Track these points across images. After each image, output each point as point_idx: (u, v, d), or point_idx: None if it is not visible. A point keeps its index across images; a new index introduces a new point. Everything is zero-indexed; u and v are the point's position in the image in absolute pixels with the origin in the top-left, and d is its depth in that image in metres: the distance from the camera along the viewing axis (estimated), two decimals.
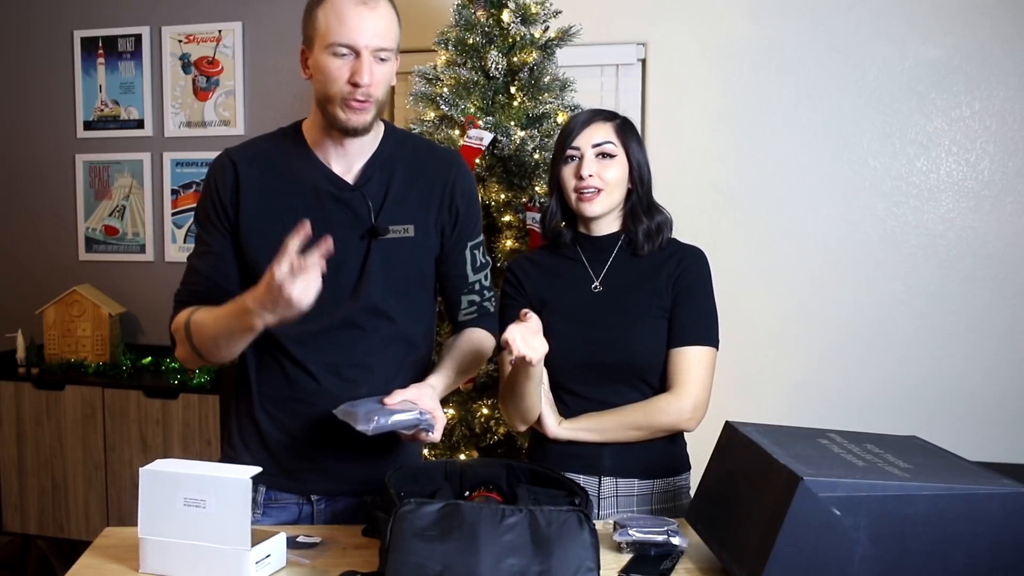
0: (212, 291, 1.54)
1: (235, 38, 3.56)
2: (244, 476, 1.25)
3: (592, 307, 1.68)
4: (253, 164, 1.56)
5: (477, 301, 1.67)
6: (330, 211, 1.53)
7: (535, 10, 2.51)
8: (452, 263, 1.64)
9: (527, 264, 1.77)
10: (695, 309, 1.66)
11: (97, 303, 3.46)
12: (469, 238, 1.64)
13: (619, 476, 1.66)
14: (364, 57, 1.43)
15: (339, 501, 1.59)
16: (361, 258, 1.53)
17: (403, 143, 1.61)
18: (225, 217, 1.54)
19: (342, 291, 1.53)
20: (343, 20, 1.42)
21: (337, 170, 1.55)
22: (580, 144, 1.68)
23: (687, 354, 1.64)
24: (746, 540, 1.19)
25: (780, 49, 3.03)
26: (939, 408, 2.96)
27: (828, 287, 3.04)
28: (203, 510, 1.25)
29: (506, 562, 1.15)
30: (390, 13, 1.47)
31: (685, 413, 1.63)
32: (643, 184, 1.71)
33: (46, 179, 3.78)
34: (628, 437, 1.64)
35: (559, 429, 1.66)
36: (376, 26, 1.43)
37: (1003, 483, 1.13)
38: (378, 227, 1.53)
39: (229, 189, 1.54)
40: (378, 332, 1.55)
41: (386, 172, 1.56)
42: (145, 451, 3.22)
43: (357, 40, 1.42)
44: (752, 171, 3.07)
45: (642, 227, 1.70)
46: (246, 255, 1.54)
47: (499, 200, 2.42)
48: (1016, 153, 2.93)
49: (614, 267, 1.71)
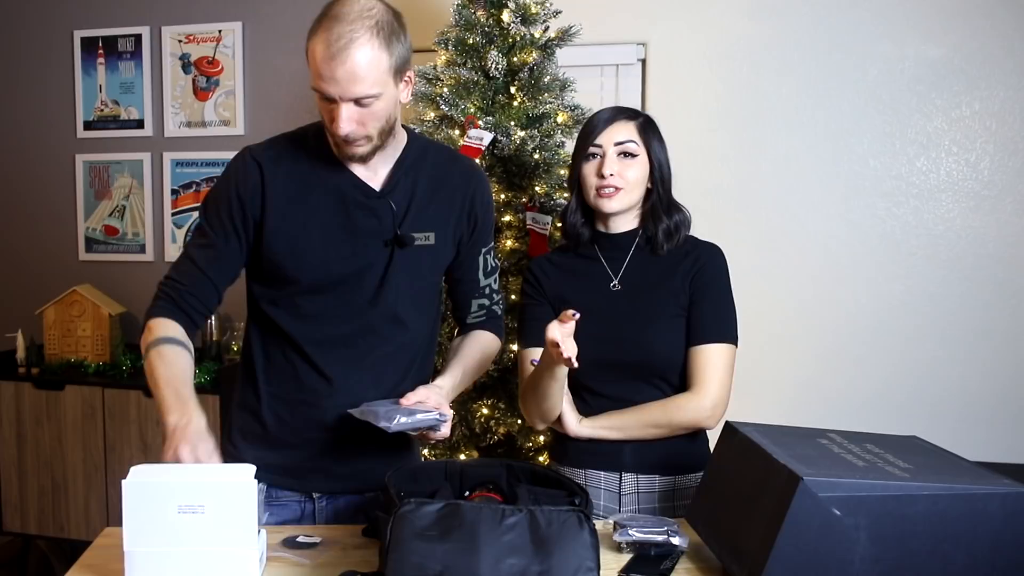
0: (200, 285, 1.51)
1: (235, 38, 3.56)
2: (247, 478, 1.22)
3: (611, 306, 1.69)
4: (279, 165, 1.53)
5: (487, 305, 1.69)
6: (356, 217, 1.52)
7: (535, 10, 2.51)
8: (466, 268, 1.65)
9: (547, 264, 1.78)
10: (713, 307, 1.66)
11: (97, 303, 3.46)
12: (483, 244, 1.66)
13: (640, 472, 1.67)
14: (340, 107, 1.39)
15: (340, 499, 1.60)
16: (384, 265, 1.53)
17: (425, 151, 1.60)
18: (241, 217, 1.51)
19: (363, 297, 1.53)
20: (318, 71, 1.37)
21: (362, 176, 1.53)
22: (602, 142, 1.68)
23: (706, 352, 1.64)
24: (746, 540, 1.19)
25: (780, 49, 3.03)
26: (939, 408, 2.96)
27: (828, 287, 3.04)
28: (201, 516, 1.21)
29: (506, 562, 1.14)
30: (367, 54, 1.36)
31: (705, 411, 1.63)
32: (663, 183, 1.72)
33: (46, 179, 3.78)
34: (648, 435, 1.64)
35: (580, 427, 1.66)
36: (350, 76, 1.35)
37: (1003, 483, 1.13)
38: (404, 236, 1.53)
39: (254, 190, 1.51)
40: (394, 338, 1.56)
41: (410, 180, 1.56)
42: (145, 451, 3.22)
43: (331, 92, 1.38)
44: (752, 171, 3.07)
45: (662, 226, 1.70)
46: (268, 257, 1.53)
47: (499, 200, 2.42)
48: (1016, 153, 2.93)
49: (632, 265, 1.71)
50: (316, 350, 1.54)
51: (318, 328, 1.54)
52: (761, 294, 3.01)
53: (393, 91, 1.43)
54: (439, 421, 1.41)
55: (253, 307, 1.60)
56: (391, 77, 1.41)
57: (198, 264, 1.52)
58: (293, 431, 1.56)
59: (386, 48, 1.38)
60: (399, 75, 1.43)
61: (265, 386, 1.57)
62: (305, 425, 1.55)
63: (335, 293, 1.53)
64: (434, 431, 1.43)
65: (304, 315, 1.54)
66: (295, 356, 1.55)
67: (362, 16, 1.36)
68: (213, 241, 1.52)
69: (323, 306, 1.53)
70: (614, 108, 1.75)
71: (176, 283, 1.52)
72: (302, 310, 1.54)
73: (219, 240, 1.52)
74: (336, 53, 1.34)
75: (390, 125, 1.47)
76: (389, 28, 1.39)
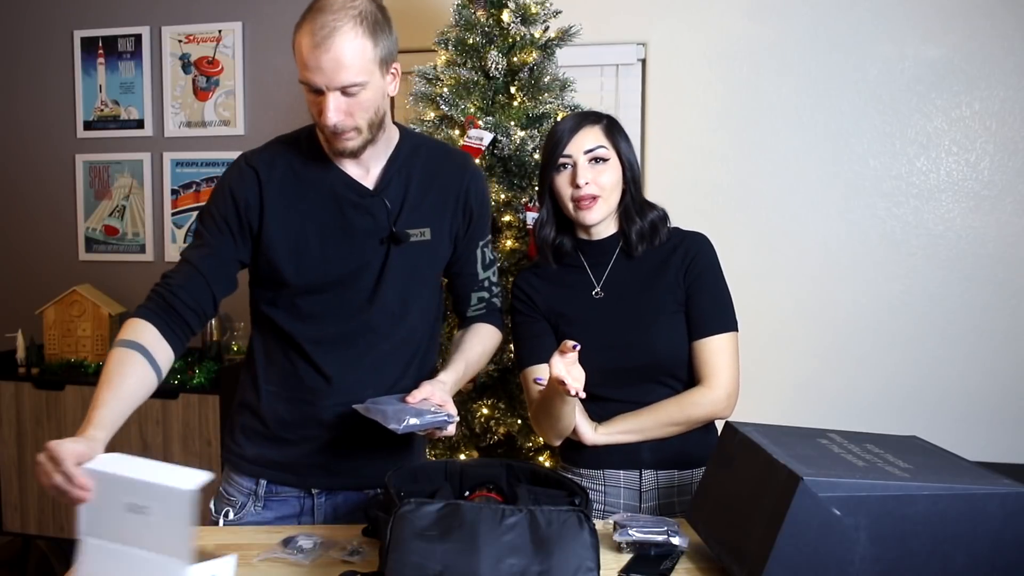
0: (195, 283, 1.49)
1: (235, 38, 3.56)
2: (189, 486, 1.11)
3: (599, 313, 1.68)
4: (274, 169, 1.54)
5: (486, 298, 1.70)
6: (350, 216, 1.53)
7: (535, 10, 2.51)
8: (464, 262, 1.66)
9: (533, 279, 1.75)
10: (710, 297, 1.66)
11: (97, 303, 3.46)
12: (480, 238, 1.66)
13: (659, 468, 1.67)
14: (327, 97, 1.39)
15: (339, 495, 1.60)
16: (380, 263, 1.54)
17: (418, 147, 1.61)
18: (237, 221, 1.52)
19: (361, 296, 1.54)
20: (304, 62, 1.39)
21: (355, 175, 1.54)
22: (571, 151, 1.65)
23: (712, 344, 1.64)
24: (746, 540, 1.19)
25: (780, 49, 3.03)
26: (939, 408, 2.96)
27: (828, 287, 3.04)
28: (146, 517, 1.14)
29: (506, 562, 1.14)
30: (353, 43, 1.37)
31: (720, 403, 1.63)
32: (635, 183, 1.69)
33: (46, 179, 3.78)
34: (666, 433, 1.64)
35: (597, 436, 1.65)
36: (336, 63, 1.36)
37: (1003, 483, 1.13)
38: (399, 234, 1.53)
39: (252, 196, 1.52)
40: (393, 335, 1.57)
41: (403, 176, 1.56)
42: (145, 451, 3.22)
43: (318, 82, 1.39)
44: (752, 171, 3.07)
45: (635, 228, 1.69)
46: (266, 260, 1.54)
47: (499, 200, 2.42)
48: (1016, 153, 2.93)
49: (616, 270, 1.70)
50: (315, 349, 1.54)
51: (317, 328, 1.54)
52: (761, 294, 3.01)
53: (380, 82, 1.44)
54: (447, 422, 1.41)
55: (255, 309, 1.61)
56: (377, 67, 1.42)
57: (191, 262, 1.51)
58: (292, 428, 1.56)
59: (371, 37, 1.39)
60: (385, 66, 1.44)
61: (265, 384, 1.58)
62: (304, 422, 1.56)
63: (333, 293, 1.54)
64: (440, 430, 1.43)
65: (303, 315, 1.55)
66: (295, 355, 1.56)
67: (346, 7, 1.38)
68: (207, 241, 1.53)
69: (322, 306, 1.54)
70: (576, 115, 1.71)
71: (168, 281, 1.50)
72: (301, 310, 1.55)
73: (214, 240, 1.53)
74: (321, 41, 1.36)
75: (379, 118, 1.47)
76: (373, 18, 1.40)
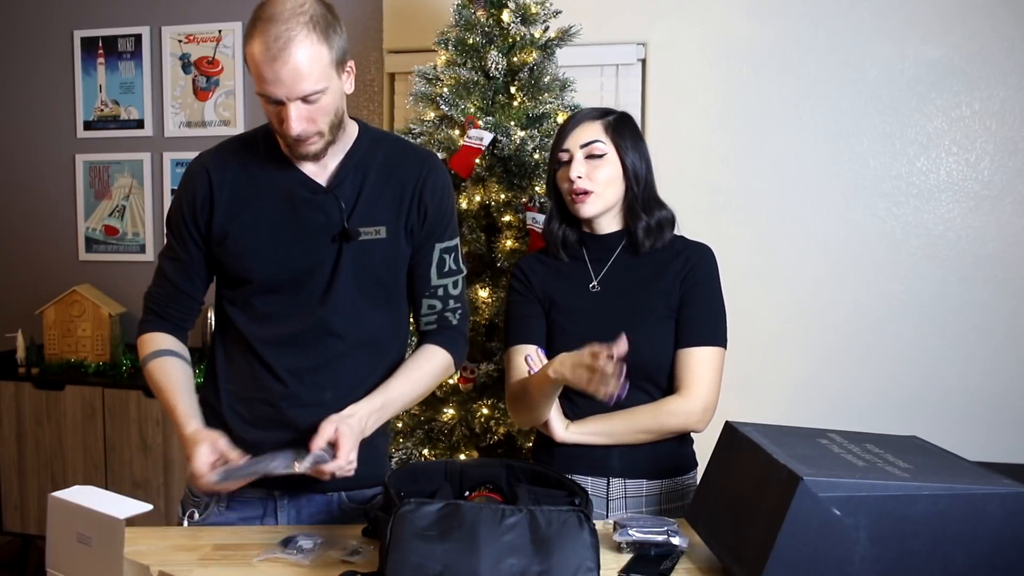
0: (177, 298, 1.60)
1: (235, 38, 3.56)
2: (120, 515, 1.12)
3: (593, 307, 1.67)
4: (226, 170, 1.54)
5: (438, 308, 1.61)
6: (302, 214, 1.51)
7: (535, 10, 2.51)
8: (416, 262, 1.59)
9: (535, 262, 1.76)
10: (703, 309, 1.64)
11: (97, 303, 3.46)
12: (438, 239, 1.59)
13: (628, 477, 1.65)
14: (289, 108, 1.38)
15: (302, 498, 1.57)
16: (332, 261, 1.51)
17: (378, 143, 1.58)
18: (195, 226, 1.55)
19: (313, 295, 1.52)
20: (261, 75, 1.37)
21: (309, 172, 1.53)
22: (569, 146, 1.67)
23: (695, 355, 1.62)
24: (746, 540, 1.19)
25: (780, 49, 3.03)
26: (939, 408, 2.96)
27: (828, 287, 3.04)
28: (90, 549, 1.14)
29: (506, 562, 1.15)
30: (309, 51, 1.35)
31: (695, 415, 1.61)
32: (639, 181, 1.68)
33: (46, 179, 3.78)
34: (637, 440, 1.62)
35: (567, 433, 1.64)
36: (295, 74, 1.35)
37: (1003, 483, 1.13)
38: (349, 231, 1.50)
39: (203, 198, 1.54)
40: (349, 336, 1.54)
41: (359, 173, 1.54)
42: (145, 451, 3.22)
43: (278, 94, 1.37)
44: (752, 171, 3.07)
45: (641, 224, 1.68)
46: (219, 260, 1.55)
47: (499, 200, 2.42)
48: (1016, 153, 2.93)
49: (616, 267, 1.70)
50: (270, 351, 1.53)
51: (272, 328, 1.53)
52: (761, 294, 3.01)
53: (337, 83, 1.44)
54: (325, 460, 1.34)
55: (218, 306, 1.62)
56: (333, 70, 1.41)
57: (171, 280, 1.59)
58: (251, 429, 1.54)
59: (325, 42, 1.38)
60: (340, 66, 1.43)
61: (225, 384, 1.58)
62: (264, 423, 1.54)
63: (287, 292, 1.53)
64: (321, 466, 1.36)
65: (259, 315, 1.54)
66: (251, 356, 1.55)
67: (296, 14, 1.36)
68: (178, 255, 1.58)
69: (276, 306, 1.53)
70: (583, 110, 1.73)
71: (157, 298, 1.61)
72: (257, 311, 1.54)
73: (183, 253, 1.57)
74: (277, 54, 1.34)
75: (339, 118, 1.47)
76: (324, 21, 1.38)
